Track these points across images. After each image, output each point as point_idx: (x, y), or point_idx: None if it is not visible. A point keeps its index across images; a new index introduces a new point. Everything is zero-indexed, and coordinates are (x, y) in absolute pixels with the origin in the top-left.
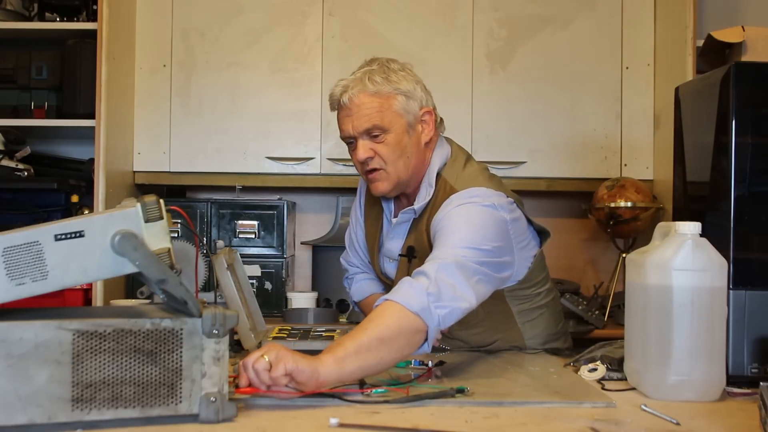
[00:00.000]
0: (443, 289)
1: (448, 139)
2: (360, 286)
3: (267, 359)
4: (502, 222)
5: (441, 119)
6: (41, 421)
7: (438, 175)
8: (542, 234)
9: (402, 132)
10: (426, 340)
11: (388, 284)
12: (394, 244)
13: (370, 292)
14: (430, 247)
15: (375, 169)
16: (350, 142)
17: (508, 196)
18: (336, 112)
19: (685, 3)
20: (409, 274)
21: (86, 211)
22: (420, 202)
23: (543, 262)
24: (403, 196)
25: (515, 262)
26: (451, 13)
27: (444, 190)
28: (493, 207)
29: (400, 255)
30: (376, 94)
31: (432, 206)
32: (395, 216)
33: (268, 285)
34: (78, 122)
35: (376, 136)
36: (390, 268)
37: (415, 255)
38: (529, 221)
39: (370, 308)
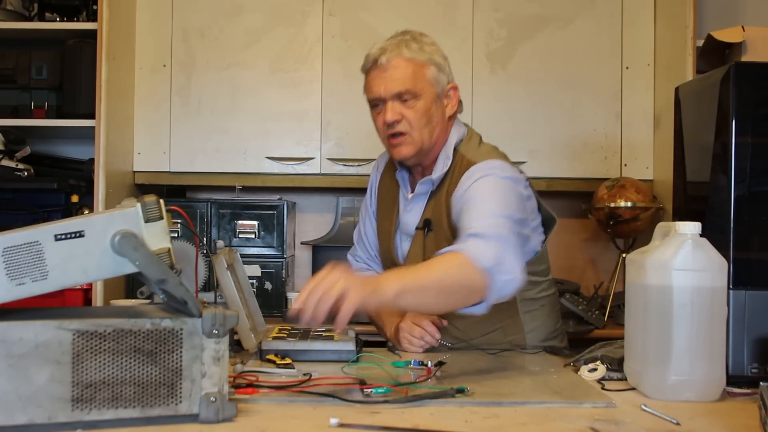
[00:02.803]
0: (505, 256)
1: (463, 122)
2: None
3: (335, 293)
4: (521, 196)
5: (460, 100)
6: (41, 421)
7: (455, 150)
8: (548, 223)
9: (431, 101)
10: (482, 301)
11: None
12: (411, 217)
13: None
14: (449, 220)
15: (399, 134)
16: (376, 104)
17: (521, 173)
18: (366, 73)
19: (685, 3)
20: (424, 246)
21: (86, 211)
22: (438, 173)
23: (546, 254)
24: (418, 172)
25: (531, 239)
26: (451, 13)
27: (461, 164)
28: (513, 180)
29: (416, 228)
30: (411, 60)
31: (450, 179)
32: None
33: (268, 285)
34: (78, 122)
35: (406, 101)
36: (407, 246)
37: (431, 228)
38: (539, 205)
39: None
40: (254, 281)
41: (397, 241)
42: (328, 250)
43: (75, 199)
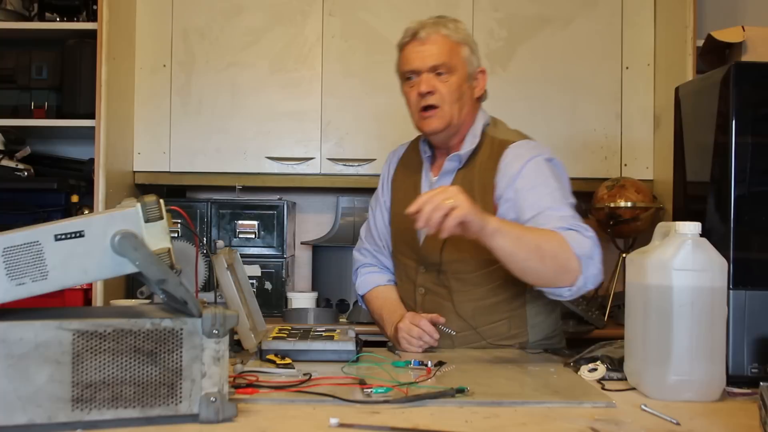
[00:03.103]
0: (595, 252)
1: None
2: (365, 279)
3: (449, 204)
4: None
5: (485, 89)
6: (41, 421)
7: (482, 133)
8: None
9: (463, 79)
10: (572, 285)
11: (406, 268)
12: None
13: (375, 284)
14: (483, 194)
15: (431, 107)
16: (410, 77)
17: None
18: (403, 47)
19: (685, 3)
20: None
21: (86, 211)
22: (466, 149)
23: None
24: (442, 153)
25: None
26: (451, 13)
27: (492, 144)
28: (560, 165)
29: None
30: (447, 37)
31: (481, 157)
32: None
33: (268, 285)
34: (78, 122)
35: (441, 74)
36: (423, 235)
37: None
38: None
39: (374, 301)
40: (254, 281)
41: (418, 231)
42: (328, 250)
43: (75, 199)
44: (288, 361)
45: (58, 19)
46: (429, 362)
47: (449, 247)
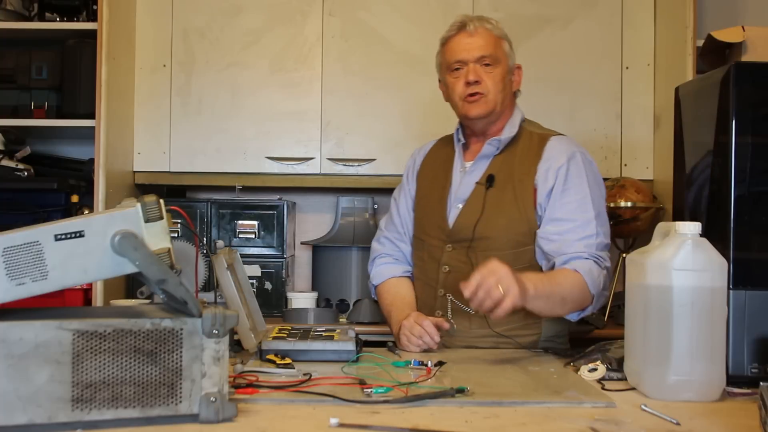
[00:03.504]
0: (607, 283)
1: None
2: (380, 270)
3: (501, 292)
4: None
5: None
6: (41, 421)
7: (520, 126)
8: None
9: (505, 71)
10: (582, 310)
11: (430, 248)
12: (471, 178)
13: (390, 275)
14: (521, 178)
15: (477, 93)
16: (457, 68)
17: None
18: (448, 39)
19: (685, 3)
20: (485, 199)
21: (86, 211)
22: (506, 135)
23: None
24: (476, 141)
25: None
26: (451, 13)
27: (531, 136)
28: (595, 164)
29: (477, 183)
30: (491, 32)
31: (519, 147)
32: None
33: (268, 285)
34: (78, 122)
35: (487, 65)
36: (456, 212)
37: (493, 184)
38: None
39: (385, 295)
40: (254, 281)
41: (448, 208)
42: (328, 250)
43: (75, 199)
44: (288, 361)
45: (58, 19)
46: (429, 362)
47: (483, 223)
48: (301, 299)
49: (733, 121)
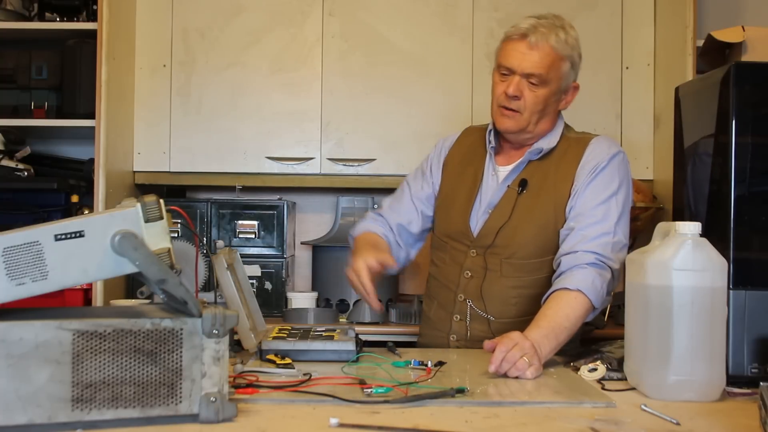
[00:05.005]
0: (611, 289)
1: None
2: (361, 225)
3: (527, 362)
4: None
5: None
6: (41, 421)
7: (561, 135)
8: None
9: (552, 93)
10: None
11: (453, 252)
12: (503, 183)
13: (365, 230)
14: (554, 186)
15: (512, 108)
16: (505, 73)
17: None
18: (507, 40)
19: (685, 3)
20: (515, 203)
21: (86, 211)
22: (546, 144)
23: None
24: (508, 147)
25: None
26: (451, 13)
27: (568, 141)
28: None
29: (508, 186)
30: (554, 50)
31: (556, 153)
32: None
33: (268, 285)
34: (78, 122)
35: (533, 84)
36: (483, 219)
37: (526, 188)
38: None
39: (358, 241)
40: (254, 281)
41: (476, 211)
42: (328, 250)
43: (75, 199)
44: (288, 361)
45: (58, 19)
46: (429, 362)
47: (509, 229)
48: (301, 299)
49: (733, 121)
